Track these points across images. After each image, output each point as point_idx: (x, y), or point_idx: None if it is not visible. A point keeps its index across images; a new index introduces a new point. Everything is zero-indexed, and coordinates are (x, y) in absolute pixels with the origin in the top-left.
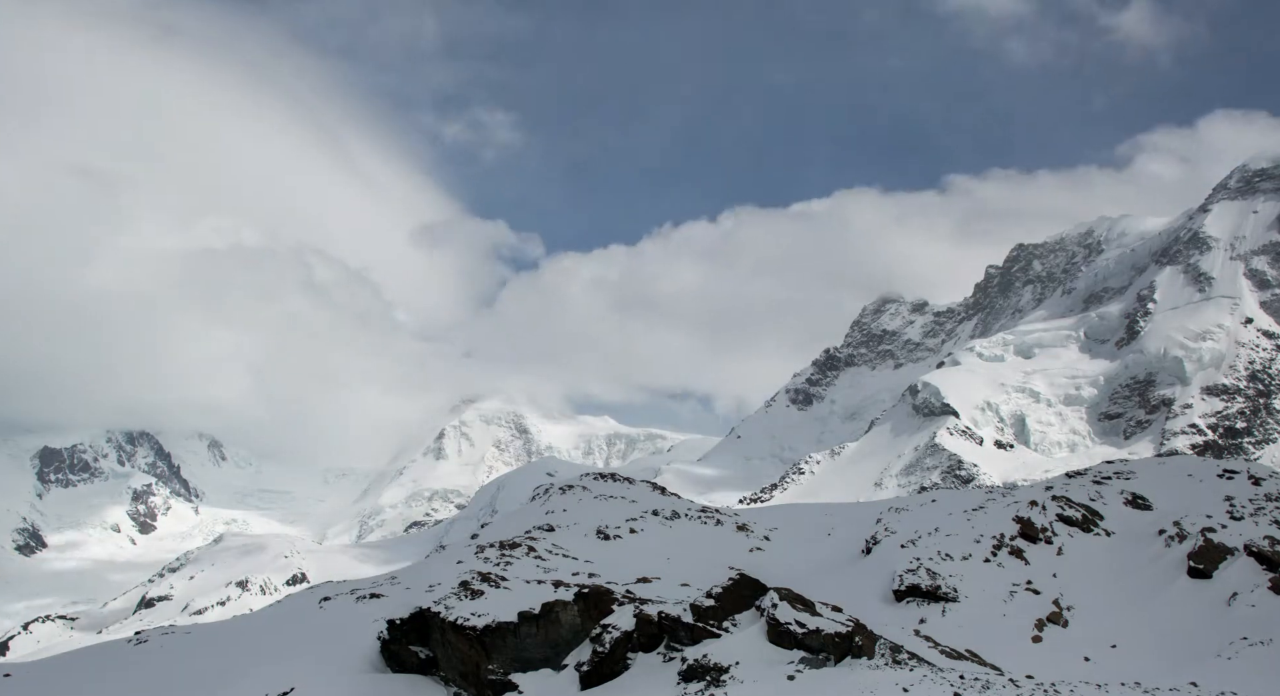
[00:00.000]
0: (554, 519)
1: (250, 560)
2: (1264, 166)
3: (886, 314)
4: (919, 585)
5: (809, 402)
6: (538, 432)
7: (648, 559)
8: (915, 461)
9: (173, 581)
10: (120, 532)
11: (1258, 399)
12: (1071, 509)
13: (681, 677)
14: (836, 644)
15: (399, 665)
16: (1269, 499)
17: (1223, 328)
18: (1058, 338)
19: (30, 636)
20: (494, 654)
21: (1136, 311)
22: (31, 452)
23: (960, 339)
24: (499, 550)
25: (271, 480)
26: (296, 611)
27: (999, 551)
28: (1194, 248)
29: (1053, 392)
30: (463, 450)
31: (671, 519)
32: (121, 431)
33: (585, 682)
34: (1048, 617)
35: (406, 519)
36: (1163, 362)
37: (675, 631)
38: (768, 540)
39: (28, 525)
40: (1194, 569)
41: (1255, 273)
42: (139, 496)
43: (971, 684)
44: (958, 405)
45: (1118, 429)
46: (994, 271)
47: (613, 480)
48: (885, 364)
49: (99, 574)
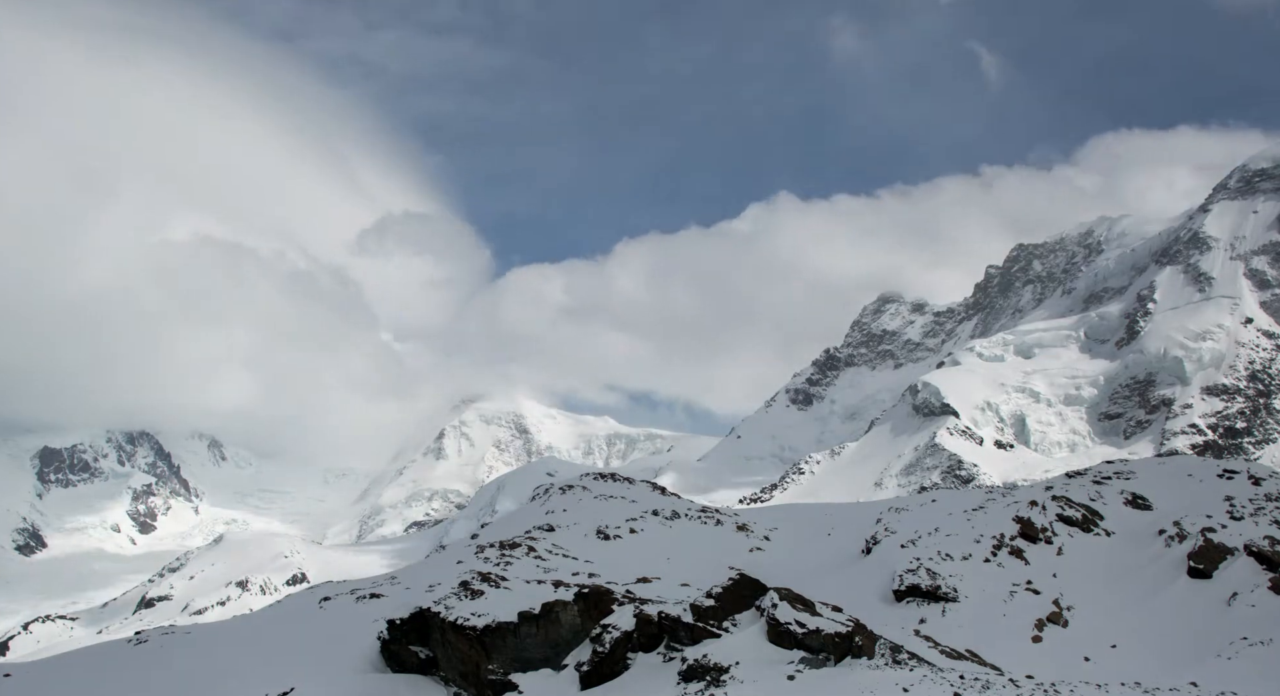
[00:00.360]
0: (554, 519)
1: (250, 560)
2: (1264, 166)
3: (886, 314)
4: (919, 585)
5: (809, 402)
6: (538, 432)
7: (648, 559)
8: (915, 461)
9: (173, 581)
10: (120, 532)
11: (1258, 399)
12: (1071, 509)
13: (681, 677)
14: (836, 644)
15: (399, 665)
16: (1269, 499)
17: (1223, 328)
18: (1058, 338)
19: (30, 636)
20: (494, 654)
21: (1136, 311)
22: (31, 452)
23: (960, 339)
24: (499, 550)
25: (271, 480)
26: (296, 611)
27: (999, 551)
28: (1194, 248)
29: (1053, 392)
30: (463, 450)
31: (671, 519)
32: (121, 431)
33: (585, 682)
34: (1048, 617)
35: (406, 519)
36: (1163, 363)
37: (675, 631)
38: (768, 540)
39: (28, 525)
40: (1194, 569)
41: (1255, 273)
42: (139, 496)
43: (971, 684)
44: (958, 405)
45: (1118, 429)
46: (994, 271)
47: (613, 480)
48: (885, 364)
49: (99, 574)
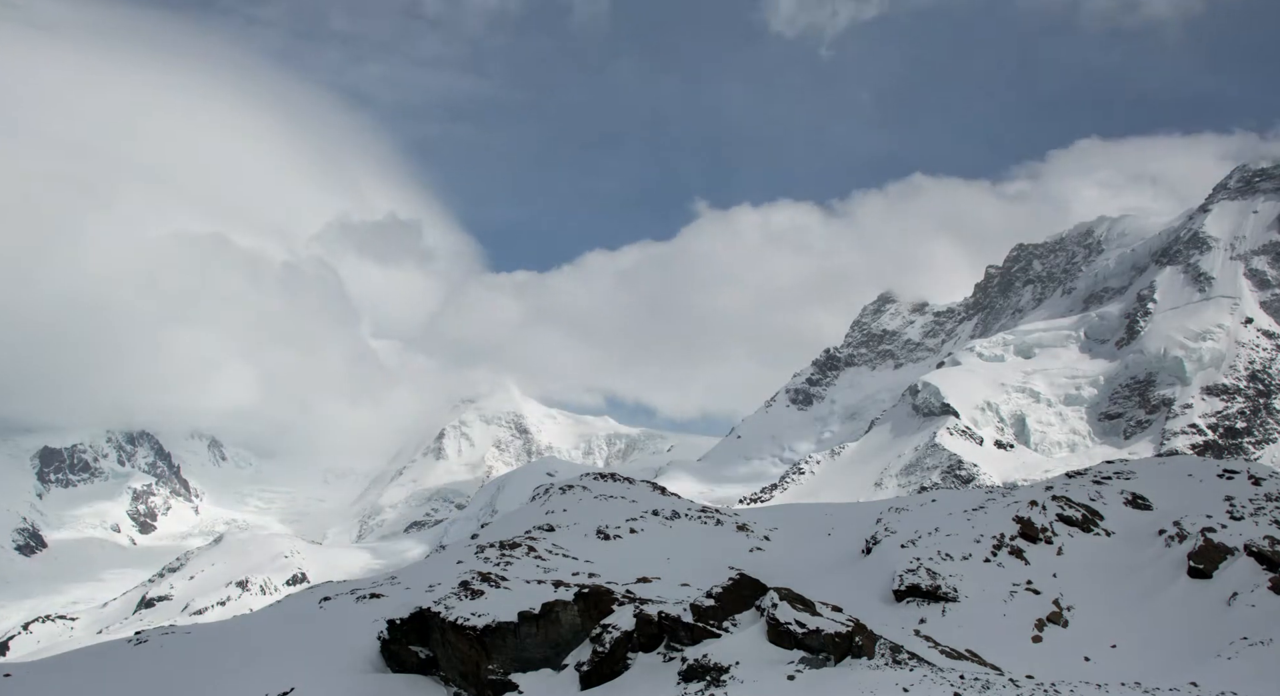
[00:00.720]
0: (554, 519)
1: (250, 560)
2: (1264, 166)
3: (886, 314)
4: (919, 585)
5: (809, 402)
6: (538, 432)
7: (648, 559)
8: (915, 461)
9: (173, 581)
10: (120, 532)
11: (1258, 399)
12: (1071, 509)
13: (681, 677)
14: (836, 644)
15: (399, 665)
16: (1269, 499)
17: (1223, 328)
18: (1058, 338)
19: (30, 636)
20: (494, 654)
21: (1136, 311)
22: (31, 452)
23: (960, 339)
24: (499, 550)
25: (271, 480)
26: (296, 611)
27: (999, 551)
28: (1194, 248)
29: (1053, 393)
30: (463, 450)
31: (671, 519)
32: (121, 431)
33: (585, 682)
34: (1048, 617)
35: (406, 519)
36: (1163, 363)
37: (675, 631)
38: (768, 540)
39: (28, 525)
40: (1194, 569)
41: (1255, 273)
42: (139, 496)
43: (971, 684)
44: (958, 405)
45: (1118, 429)
46: (994, 271)
47: (613, 480)
48: (885, 364)
49: (99, 574)
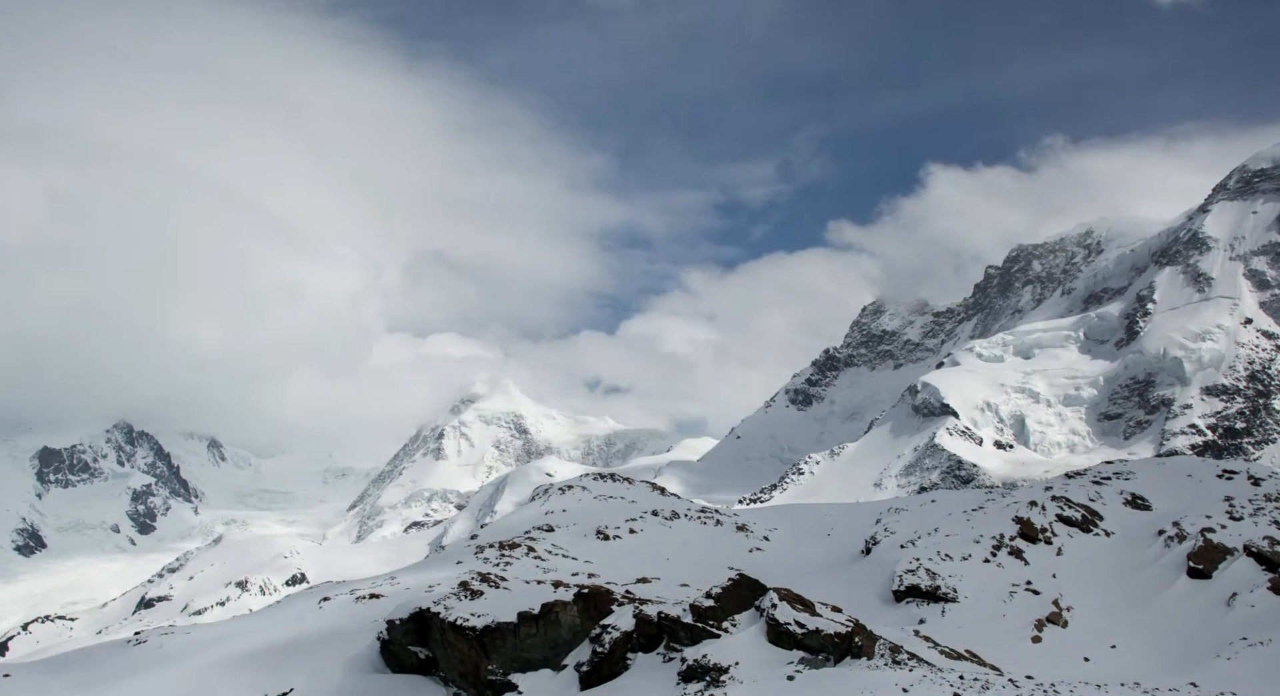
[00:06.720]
0: (554, 519)
1: (250, 560)
2: (1264, 167)
3: (886, 314)
4: (919, 585)
5: (809, 403)
6: (537, 432)
7: (647, 559)
8: (915, 462)
9: (172, 581)
10: (120, 533)
11: (1257, 399)
12: (1071, 509)
13: (681, 678)
14: (836, 644)
15: (399, 665)
16: (1269, 499)
17: (1222, 328)
18: (1057, 338)
19: (30, 636)
20: (494, 654)
21: (1136, 312)
22: (31, 453)
23: (960, 339)
24: (499, 550)
25: (271, 480)
26: (296, 611)
27: (999, 551)
28: (1193, 248)
29: (1052, 393)
30: (462, 450)
31: (671, 519)
32: (121, 431)
33: (585, 683)
34: (1047, 617)
35: (406, 519)
36: (1162, 363)
37: (675, 631)
38: (767, 540)
39: (28, 525)
40: (1194, 569)
41: (1255, 273)
42: (138, 496)
43: (971, 684)
44: (957, 405)
45: (1117, 429)
46: (993, 272)
47: (612, 480)
48: (885, 364)
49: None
